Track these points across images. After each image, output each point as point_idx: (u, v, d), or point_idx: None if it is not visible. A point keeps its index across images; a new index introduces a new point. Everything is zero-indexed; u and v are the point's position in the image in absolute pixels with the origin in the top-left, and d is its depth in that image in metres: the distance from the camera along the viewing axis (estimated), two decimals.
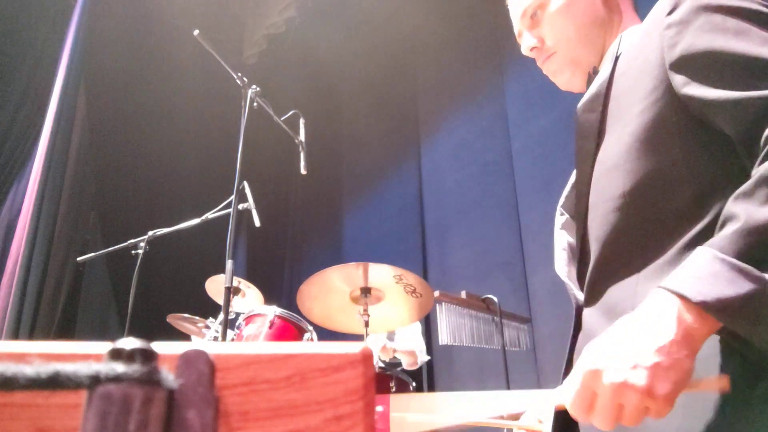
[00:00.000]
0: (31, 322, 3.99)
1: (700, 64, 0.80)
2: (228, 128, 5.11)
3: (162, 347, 0.34)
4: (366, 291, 2.72)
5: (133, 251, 3.18)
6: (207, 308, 3.37)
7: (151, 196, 5.31)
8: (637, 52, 0.91)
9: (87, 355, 0.35)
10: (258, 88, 2.56)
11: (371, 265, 2.65)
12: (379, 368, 2.63)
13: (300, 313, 2.88)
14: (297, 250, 5.78)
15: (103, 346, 0.33)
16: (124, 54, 5.30)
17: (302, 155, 2.66)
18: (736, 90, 0.76)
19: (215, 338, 2.89)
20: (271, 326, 2.81)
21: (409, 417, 0.82)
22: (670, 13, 0.85)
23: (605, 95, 0.93)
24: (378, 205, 5.00)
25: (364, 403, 0.35)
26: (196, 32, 2.42)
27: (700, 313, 0.66)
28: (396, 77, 5.13)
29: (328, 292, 2.76)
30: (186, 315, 3.29)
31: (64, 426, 0.35)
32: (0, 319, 3.84)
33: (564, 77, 1.10)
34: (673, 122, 0.83)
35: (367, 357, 0.36)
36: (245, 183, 2.57)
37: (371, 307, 2.72)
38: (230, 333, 2.92)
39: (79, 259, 3.55)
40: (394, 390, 2.57)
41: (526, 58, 1.16)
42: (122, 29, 5.34)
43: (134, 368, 0.31)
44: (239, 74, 2.56)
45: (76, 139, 4.74)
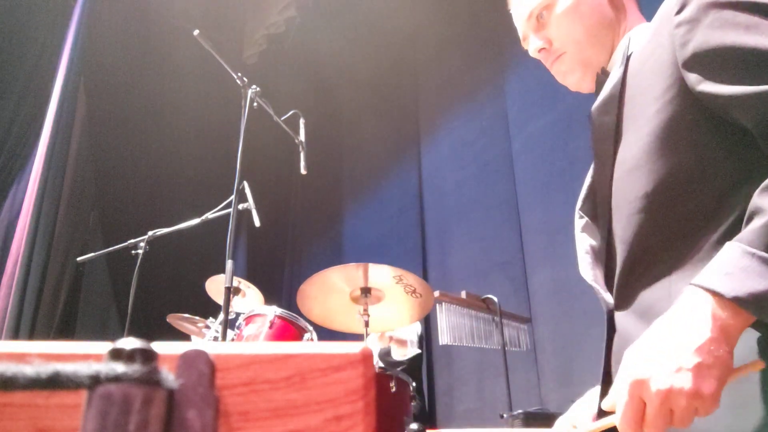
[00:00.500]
0: (31, 322, 3.99)
1: (713, 61, 0.80)
2: (228, 128, 5.12)
3: (162, 347, 0.34)
4: (366, 291, 2.71)
5: (133, 251, 3.18)
6: (207, 308, 3.37)
7: (151, 196, 5.31)
8: (649, 53, 0.90)
9: (87, 355, 0.35)
10: (258, 88, 2.56)
11: (371, 265, 2.65)
12: (379, 368, 2.63)
13: (300, 313, 2.88)
14: (297, 250, 5.78)
15: (103, 346, 0.33)
16: (124, 54, 5.31)
17: (302, 155, 2.66)
18: (751, 84, 0.76)
19: (215, 338, 2.89)
20: (271, 326, 2.80)
21: None
22: (679, 11, 0.85)
23: (619, 97, 0.93)
24: (378, 205, 5.00)
25: (364, 403, 0.35)
26: (196, 32, 2.42)
27: (733, 308, 0.67)
28: (396, 77, 5.13)
29: (328, 292, 2.76)
30: (186, 315, 3.29)
31: (64, 426, 0.35)
32: (0, 319, 3.85)
33: (574, 78, 1.10)
34: (689, 120, 0.83)
35: (367, 357, 0.36)
36: (245, 183, 2.57)
37: (371, 308, 2.72)
38: (230, 333, 2.92)
39: (79, 259, 3.55)
40: (394, 390, 2.57)
41: (527, 58, 1.16)
42: (122, 29, 5.34)
43: (134, 368, 0.31)
44: (239, 74, 2.56)
45: (76, 139, 4.75)
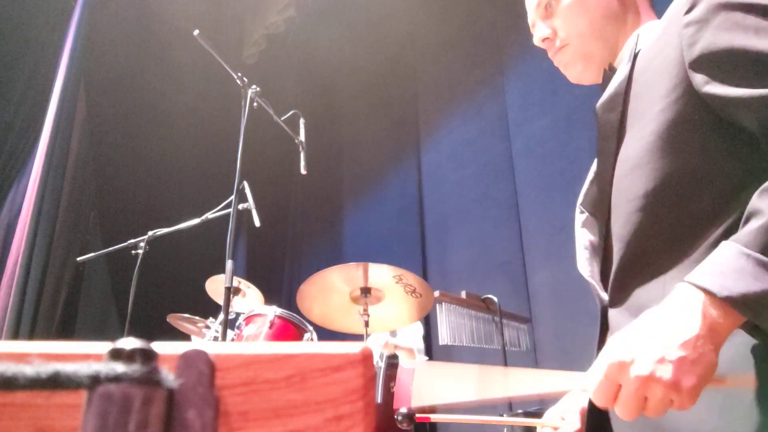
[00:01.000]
0: (31, 322, 3.99)
1: (720, 63, 0.80)
2: (228, 128, 5.11)
3: (162, 347, 0.34)
4: (366, 291, 2.72)
5: (133, 251, 3.18)
6: (207, 308, 3.37)
7: (151, 196, 5.31)
8: (656, 51, 0.91)
9: (87, 355, 0.35)
10: (258, 88, 2.56)
11: (371, 265, 2.65)
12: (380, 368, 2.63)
13: (300, 313, 2.88)
14: (297, 250, 5.78)
15: (103, 346, 0.33)
16: (124, 54, 5.30)
17: (302, 155, 2.66)
18: (757, 87, 0.76)
19: (215, 338, 2.89)
20: (271, 326, 2.81)
21: (436, 385, 0.81)
22: (689, 11, 0.85)
23: (625, 94, 0.93)
24: (378, 205, 5.00)
25: (364, 403, 0.35)
26: (196, 32, 2.42)
27: (724, 307, 0.67)
28: (396, 77, 5.13)
29: (328, 292, 2.76)
30: (186, 315, 3.29)
31: (64, 426, 0.35)
32: (0, 319, 3.84)
33: (576, 70, 1.10)
34: (694, 121, 0.83)
35: (367, 357, 0.36)
36: (245, 183, 2.57)
37: (371, 307, 2.72)
38: (230, 333, 2.92)
39: (79, 259, 3.55)
40: (394, 390, 2.57)
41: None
42: (122, 29, 5.34)
43: (134, 368, 0.31)
44: (239, 74, 2.56)
45: (76, 138, 4.74)
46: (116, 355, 0.31)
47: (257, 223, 2.62)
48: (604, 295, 0.96)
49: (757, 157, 0.79)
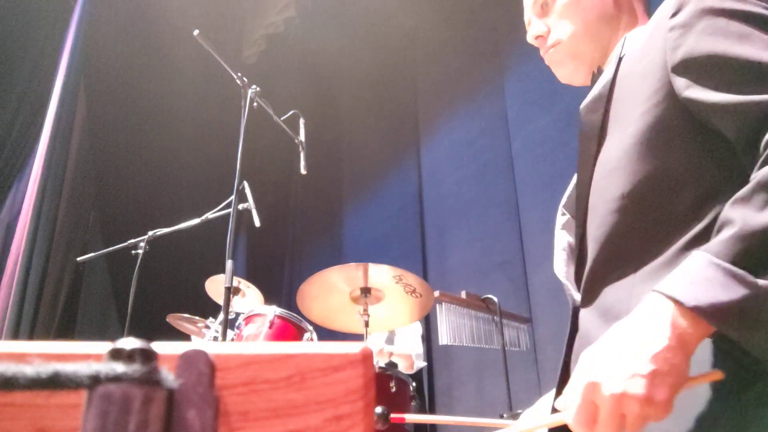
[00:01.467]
0: (31, 322, 3.99)
1: (702, 68, 0.80)
2: (228, 128, 5.10)
3: (162, 347, 0.34)
4: (366, 291, 2.72)
5: (133, 251, 3.18)
6: (207, 308, 3.37)
7: (151, 196, 5.31)
8: (641, 54, 0.91)
9: (87, 355, 0.35)
10: (258, 88, 2.56)
11: (371, 265, 2.65)
12: (379, 368, 2.63)
13: (300, 313, 2.88)
14: (297, 250, 5.78)
15: (103, 346, 0.33)
16: (124, 54, 5.30)
17: (302, 155, 2.66)
18: (737, 94, 0.76)
19: (215, 338, 2.89)
20: (271, 326, 2.81)
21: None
22: (674, 15, 0.85)
23: (608, 96, 0.93)
24: (378, 205, 5.00)
25: (364, 403, 0.35)
26: (196, 32, 2.42)
27: (693, 317, 0.66)
28: (396, 77, 5.14)
29: (328, 292, 2.76)
30: (186, 315, 3.29)
31: (64, 426, 0.35)
32: (0, 319, 3.84)
33: (566, 70, 1.10)
34: (674, 125, 0.83)
35: (367, 357, 0.36)
36: (245, 183, 2.57)
37: (371, 307, 2.72)
38: (230, 333, 2.92)
39: (79, 259, 3.55)
40: (394, 390, 2.57)
41: (527, 57, 1.16)
42: (122, 29, 5.34)
43: (134, 368, 0.31)
44: (239, 74, 2.56)
45: (75, 139, 4.74)
46: (116, 355, 0.31)
47: (257, 223, 2.62)
48: (577, 296, 0.96)
49: (734, 163, 0.79)
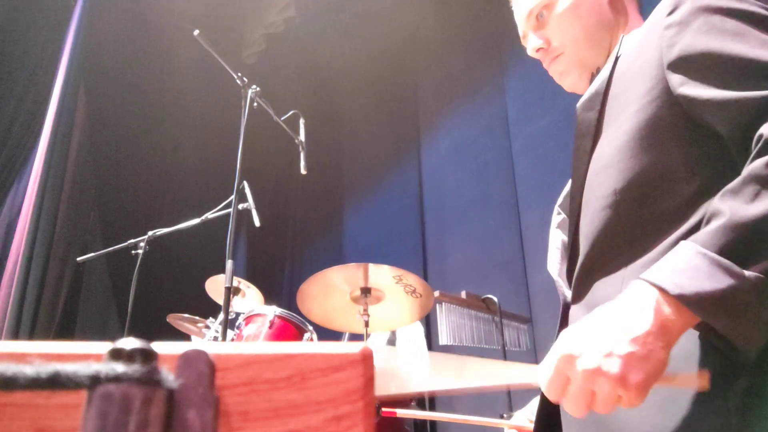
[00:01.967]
0: (31, 322, 3.99)
1: (697, 65, 0.80)
2: (228, 128, 5.10)
3: (162, 347, 0.34)
4: (366, 291, 2.71)
5: (133, 251, 3.18)
6: (207, 308, 3.37)
7: (151, 196, 5.31)
8: (637, 53, 0.91)
9: (87, 355, 0.35)
10: (258, 88, 2.56)
11: (371, 265, 2.65)
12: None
13: (300, 313, 2.88)
14: (297, 250, 5.78)
15: (103, 346, 0.33)
16: (124, 54, 5.30)
17: (302, 155, 2.66)
18: (730, 90, 0.76)
19: (215, 338, 2.89)
20: (271, 326, 2.81)
21: (398, 371, 0.79)
22: (671, 13, 0.86)
23: (604, 94, 0.93)
24: (378, 205, 5.00)
25: (364, 403, 0.35)
26: (196, 32, 2.42)
27: (677, 305, 0.66)
28: (396, 77, 5.13)
29: (328, 292, 2.76)
30: (186, 315, 3.29)
31: (64, 426, 0.35)
32: (0, 319, 3.84)
33: (571, 79, 1.10)
34: (668, 122, 0.83)
35: (367, 357, 0.36)
36: (245, 183, 2.57)
37: (371, 307, 2.72)
38: (230, 333, 2.92)
39: (79, 259, 3.55)
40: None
41: (527, 57, 1.16)
42: (122, 29, 5.34)
43: (134, 368, 0.31)
44: (239, 74, 2.56)
45: (76, 139, 4.74)
46: (116, 355, 0.31)
47: (257, 223, 2.62)
48: (568, 293, 0.97)
49: (727, 159, 0.79)
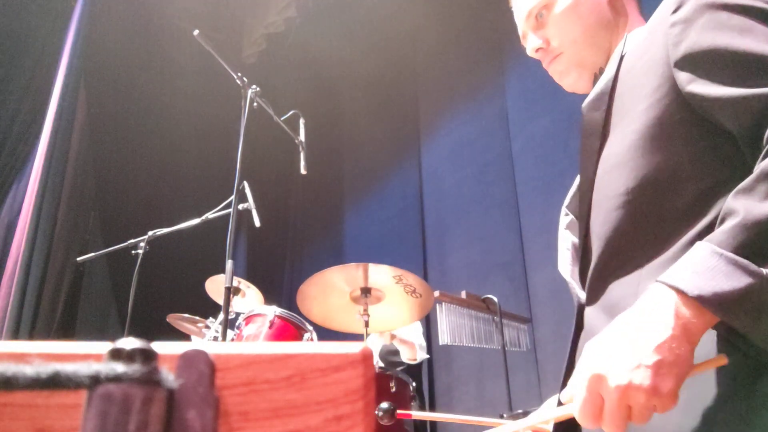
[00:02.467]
0: (31, 322, 3.99)
1: (704, 62, 0.80)
2: (228, 128, 5.11)
3: (162, 347, 0.34)
4: (366, 291, 2.71)
5: (133, 251, 3.18)
6: (207, 308, 3.37)
7: (151, 196, 5.31)
8: (643, 51, 0.91)
9: (87, 355, 0.35)
10: (258, 88, 2.56)
11: (371, 265, 2.65)
12: (379, 368, 2.63)
13: (300, 313, 2.88)
14: (297, 250, 5.78)
15: (103, 346, 0.33)
16: (124, 54, 5.30)
17: (302, 155, 2.66)
18: (739, 87, 0.76)
19: (215, 338, 2.89)
20: (271, 326, 2.81)
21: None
22: (675, 11, 0.85)
23: (610, 94, 0.93)
24: (378, 205, 5.00)
25: (364, 403, 0.35)
26: (196, 32, 2.42)
27: (697, 307, 0.66)
28: (396, 77, 5.13)
29: (328, 292, 2.76)
30: (186, 315, 3.29)
31: (64, 426, 0.35)
32: (0, 319, 3.84)
33: (570, 79, 1.10)
34: (677, 120, 0.82)
35: (367, 357, 0.36)
36: (245, 183, 2.57)
37: (371, 307, 2.72)
38: (230, 333, 2.92)
39: (79, 259, 3.55)
40: (394, 390, 2.57)
41: (527, 57, 1.16)
42: (122, 29, 5.34)
43: (134, 368, 0.31)
44: (239, 74, 2.56)
45: (76, 138, 4.74)
46: (116, 355, 0.31)
47: (257, 223, 2.62)
48: (582, 294, 0.96)
49: (738, 157, 0.79)
